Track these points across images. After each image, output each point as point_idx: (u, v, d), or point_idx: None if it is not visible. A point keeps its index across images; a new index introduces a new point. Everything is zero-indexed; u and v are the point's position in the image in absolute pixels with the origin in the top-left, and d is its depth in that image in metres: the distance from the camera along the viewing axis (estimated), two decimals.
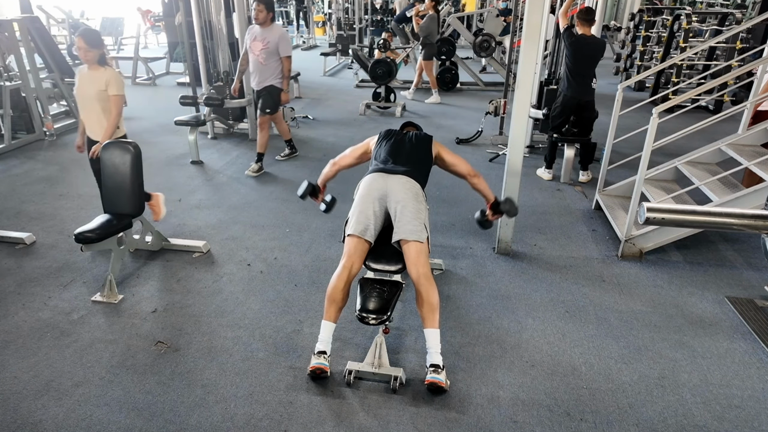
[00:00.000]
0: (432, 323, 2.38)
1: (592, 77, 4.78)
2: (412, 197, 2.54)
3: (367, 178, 2.69)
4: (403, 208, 2.49)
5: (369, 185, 2.62)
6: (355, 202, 2.64)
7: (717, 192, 3.47)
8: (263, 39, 4.77)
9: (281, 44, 4.80)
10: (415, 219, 2.47)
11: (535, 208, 4.39)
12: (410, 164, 2.72)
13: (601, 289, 3.20)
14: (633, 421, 2.21)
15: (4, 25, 5.70)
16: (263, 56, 4.82)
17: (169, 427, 2.17)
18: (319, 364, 2.35)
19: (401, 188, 2.56)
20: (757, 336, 2.76)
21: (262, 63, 4.84)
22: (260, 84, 4.99)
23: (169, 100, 8.07)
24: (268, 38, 4.76)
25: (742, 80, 5.26)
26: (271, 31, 4.80)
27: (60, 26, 12.66)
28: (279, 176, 5.09)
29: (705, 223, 1.53)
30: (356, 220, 2.54)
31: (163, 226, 3.82)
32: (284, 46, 4.82)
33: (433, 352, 2.36)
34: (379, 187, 2.59)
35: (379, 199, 2.56)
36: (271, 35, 4.78)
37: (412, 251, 2.42)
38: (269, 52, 4.79)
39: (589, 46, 4.69)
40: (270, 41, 4.76)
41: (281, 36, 4.80)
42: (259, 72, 4.92)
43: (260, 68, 4.89)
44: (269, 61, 4.83)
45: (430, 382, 2.30)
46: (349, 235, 2.52)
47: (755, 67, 4.10)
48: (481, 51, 8.60)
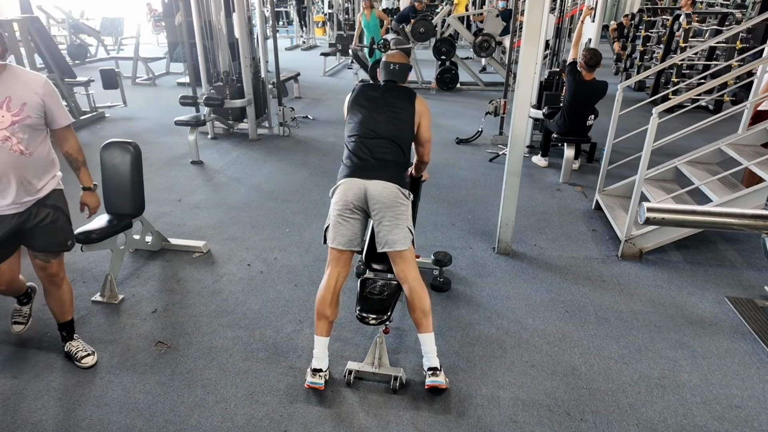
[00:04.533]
0: (426, 328, 2.35)
1: (589, 116, 4.86)
2: (391, 203, 2.32)
3: (343, 184, 2.39)
4: (382, 218, 2.31)
5: (345, 193, 2.36)
6: (333, 209, 2.39)
7: (717, 192, 3.47)
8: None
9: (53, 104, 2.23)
10: (396, 227, 2.31)
11: (535, 208, 4.39)
12: (389, 147, 2.41)
13: (601, 289, 3.20)
14: (633, 421, 2.21)
15: (4, 25, 5.70)
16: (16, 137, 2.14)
17: (169, 427, 2.16)
18: (314, 384, 2.29)
19: (379, 196, 2.31)
20: (757, 336, 2.76)
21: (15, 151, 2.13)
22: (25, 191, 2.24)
23: (169, 100, 8.07)
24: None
25: (742, 80, 5.26)
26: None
27: (60, 26, 12.66)
28: (279, 176, 5.09)
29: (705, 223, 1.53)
30: (337, 231, 2.35)
31: (163, 226, 3.82)
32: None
33: (431, 356, 2.35)
34: (355, 194, 2.34)
35: (358, 207, 2.35)
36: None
37: (397, 260, 2.34)
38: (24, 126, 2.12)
39: (587, 89, 4.74)
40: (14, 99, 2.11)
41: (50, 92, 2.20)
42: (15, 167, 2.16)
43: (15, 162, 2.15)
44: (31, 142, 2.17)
45: (431, 386, 2.30)
46: (334, 247, 2.37)
47: (755, 67, 4.10)
48: (481, 51, 8.61)
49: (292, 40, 15.76)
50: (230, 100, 6.05)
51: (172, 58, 10.00)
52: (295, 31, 15.96)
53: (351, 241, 2.37)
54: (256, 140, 6.28)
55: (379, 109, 2.47)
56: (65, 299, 2.50)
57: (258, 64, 6.48)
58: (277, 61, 6.43)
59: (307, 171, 5.23)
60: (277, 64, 6.42)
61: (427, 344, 2.36)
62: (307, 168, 5.32)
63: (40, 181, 2.23)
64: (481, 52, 8.65)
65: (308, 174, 5.15)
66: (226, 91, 6.08)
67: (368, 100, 2.51)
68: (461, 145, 6.10)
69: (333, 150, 5.92)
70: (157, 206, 4.26)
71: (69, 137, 2.35)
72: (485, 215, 4.23)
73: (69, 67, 6.90)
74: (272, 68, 6.69)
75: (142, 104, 7.97)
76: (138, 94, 8.73)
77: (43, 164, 2.23)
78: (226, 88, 6.09)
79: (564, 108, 4.88)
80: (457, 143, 6.09)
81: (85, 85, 6.75)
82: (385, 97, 2.50)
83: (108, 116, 7.24)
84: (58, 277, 2.41)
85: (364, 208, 2.37)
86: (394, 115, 2.46)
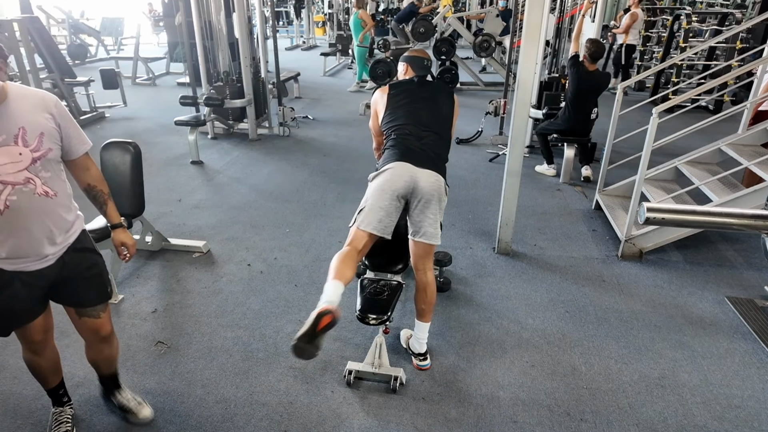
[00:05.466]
0: (428, 318, 2.48)
1: (592, 109, 4.80)
2: (438, 197, 2.31)
3: (393, 168, 2.30)
4: (426, 209, 2.29)
5: (394, 179, 2.27)
6: (376, 191, 2.30)
7: (717, 192, 3.47)
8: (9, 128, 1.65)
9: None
10: (436, 221, 2.33)
11: (535, 208, 4.39)
12: (436, 141, 2.40)
13: (601, 289, 3.20)
14: (633, 421, 2.21)
15: (4, 25, 5.70)
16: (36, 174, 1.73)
17: (169, 427, 2.16)
18: (327, 309, 1.98)
19: (429, 187, 2.28)
20: (757, 336, 2.76)
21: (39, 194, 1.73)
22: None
23: (169, 100, 8.07)
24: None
25: (742, 80, 5.26)
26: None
27: (60, 26, 12.66)
28: (279, 177, 5.09)
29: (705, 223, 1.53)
30: (374, 216, 2.27)
31: (163, 226, 3.82)
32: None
33: (423, 342, 2.51)
34: (405, 183, 2.27)
35: (402, 196, 2.29)
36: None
37: (425, 251, 2.40)
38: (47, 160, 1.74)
39: (591, 80, 4.68)
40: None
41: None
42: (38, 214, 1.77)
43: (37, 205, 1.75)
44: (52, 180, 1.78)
45: (422, 369, 2.50)
46: (363, 230, 2.29)
47: (755, 67, 4.11)
48: (481, 51, 8.61)
49: (292, 40, 15.76)
50: (230, 100, 6.05)
51: (172, 58, 10.00)
52: (295, 30, 15.95)
53: (386, 227, 2.29)
54: (256, 140, 6.28)
55: (423, 103, 2.47)
56: (116, 353, 2.12)
57: (258, 64, 6.48)
58: (277, 61, 6.43)
59: (307, 171, 5.23)
60: (277, 64, 6.42)
61: (424, 332, 2.50)
62: (307, 168, 5.32)
63: (67, 223, 1.80)
64: (481, 52, 8.65)
65: (308, 174, 5.15)
66: (226, 91, 6.08)
67: (409, 94, 2.49)
68: (461, 145, 6.10)
69: (333, 150, 5.92)
70: (157, 206, 4.26)
71: (90, 166, 1.89)
72: (485, 215, 4.23)
73: (69, 67, 6.91)
74: (272, 68, 6.69)
75: (142, 104, 7.97)
76: (138, 94, 8.73)
77: (67, 203, 1.81)
78: (226, 88, 6.08)
79: (567, 102, 4.81)
80: (457, 143, 6.09)
81: (85, 85, 6.76)
82: (427, 92, 2.52)
83: (108, 116, 7.24)
84: (110, 334, 2.03)
85: (407, 196, 2.31)
86: (438, 110, 2.48)
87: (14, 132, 1.58)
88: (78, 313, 1.92)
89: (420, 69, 2.63)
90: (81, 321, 1.93)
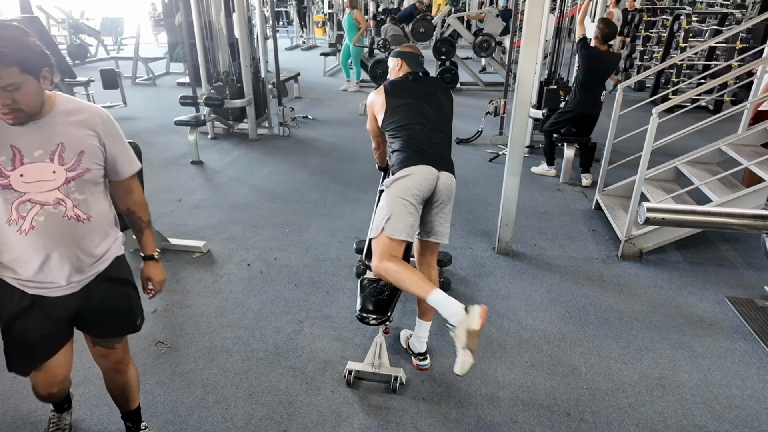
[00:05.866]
0: (431, 317, 2.48)
1: (602, 90, 4.73)
2: (452, 196, 2.33)
3: (416, 173, 2.21)
4: (441, 210, 2.30)
5: (420, 182, 2.21)
6: (402, 197, 2.20)
7: (717, 192, 3.47)
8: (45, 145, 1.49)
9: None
10: (448, 221, 2.34)
11: (535, 208, 4.39)
12: (442, 140, 2.36)
13: (601, 289, 3.20)
14: (633, 421, 2.21)
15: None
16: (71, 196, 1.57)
17: (169, 427, 2.16)
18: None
19: (447, 189, 2.28)
20: (757, 336, 2.76)
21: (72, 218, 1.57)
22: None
23: (169, 100, 8.07)
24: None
25: (742, 80, 5.27)
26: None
27: (60, 26, 12.66)
28: (279, 177, 5.09)
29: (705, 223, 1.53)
30: (405, 222, 2.18)
31: (163, 226, 3.82)
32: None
33: (424, 342, 2.51)
34: (430, 186, 2.24)
35: (424, 198, 2.26)
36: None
37: (430, 250, 2.42)
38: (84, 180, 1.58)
39: (603, 60, 4.60)
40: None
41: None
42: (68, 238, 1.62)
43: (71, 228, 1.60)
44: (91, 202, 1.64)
45: (422, 369, 2.50)
46: (396, 238, 2.17)
47: (755, 67, 4.11)
48: (481, 51, 8.61)
49: (292, 40, 15.76)
50: (230, 100, 6.05)
51: (172, 58, 10.00)
52: (295, 31, 15.95)
53: (413, 231, 2.25)
54: (256, 140, 6.28)
55: (425, 101, 2.39)
56: (132, 385, 1.98)
57: (258, 64, 6.48)
58: (277, 61, 6.43)
59: (307, 171, 5.23)
60: (277, 64, 6.42)
61: (425, 331, 2.50)
62: (307, 168, 5.32)
63: (99, 249, 1.65)
64: (481, 52, 8.65)
65: (308, 174, 5.15)
66: (226, 91, 6.08)
67: (409, 92, 2.40)
68: (461, 145, 6.11)
69: (333, 150, 5.92)
70: (157, 206, 4.26)
71: (134, 189, 1.73)
72: (485, 215, 4.23)
73: (69, 67, 6.92)
74: (272, 68, 6.69)
75: (142, 104, 7.97)
76: (138, 94, 8.73)
77: (103, 228, 1.65)
78: (226, 88, 6.09)
79: (577, 84, 4.70)
80: (457, 143, 6.09)
81: (85, 85, 6.76)
82: (426, 89, 2.45)
83: None
84: (122, 363, 1.90)
85: (427, 198, 2.28)
86: (440, 107, 2.42)
87: (52, 148, 1.46)
88: (92, 341, 1.81)
89: (415, 65, 2.53)
90: (94, 348, 1.83)
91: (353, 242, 3.31)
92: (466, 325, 1.95)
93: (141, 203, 1.77)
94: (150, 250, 1.82)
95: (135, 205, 1.75)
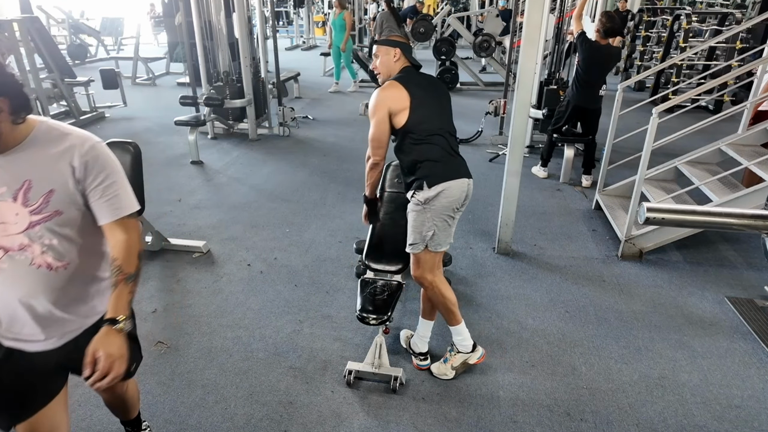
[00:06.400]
0: (435, 316, 2.52)
1: (601, 85, 4.67)
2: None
3: (454, 186, 2.18)
4: (459, 215, 2.31)
5: (459, 196, 2.21)
6: (442, 212, 2.19)
7: (717, 192, 3.47)
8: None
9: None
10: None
11: (535, 208, 4.39)
12: (456, 143, 2.32)
13: (601, 289, 3.20)
14: (633, 421, 2.21)
15: (4, 25, 5.70)
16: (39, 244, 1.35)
17: (169, 427, 2.16)
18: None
19: (470, 195, 2.30)
20: (757, 336, 2.76)
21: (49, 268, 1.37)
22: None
23: (169, 100, 8.07)
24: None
25: (742, 80, 5.26)
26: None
27: (60, 26, 12.66)
28: (279, 177, 5.09)
29: (705, 223, 1.53)
30: (448, 234, 2.27)
31: (163, 226, 3.82)
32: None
33: (426, 341, 2.53)
34: (464, 197, 2.25)
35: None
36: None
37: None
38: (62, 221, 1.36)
39: (603, 54, 4.50)
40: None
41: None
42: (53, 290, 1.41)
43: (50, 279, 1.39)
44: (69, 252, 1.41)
45: (422, 369, 2.50)
46: (440, 251, 2.29)
47: (755, 67, 4.11)
48: (481, 51, 8.61)
49: (292, 40, 15.76)
50: (230, 100, 6.05)
51: (172, 58, 10.00)
52: (295, 29, 15.95)
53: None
54: (256, 140, 6.28)
55: (436, 100, 2.27)
56: (130, 398, 1.84)
57: (258, 64, 6.48)
58: (277, 61, 6.43)
59: (307, 171, 5.23)
60: (277, 64, 6.42)
61: (428, 330, 2.53)
62: (307, 168, 5.32)
63: (82, 303, 1.41)
64: (481, 52, 8.65)
65: (308, 174, 5.15)
66: (226, 91, 6.08)
67: (422, 90, 2.21)
68: (461, 145, 6.10)
69: (333, 150, 5.92)
70: (157, 206, 4.26)
71: (120, 234, 1.36)
72: (485, 215, 4.23)
73: (69, 67, 6.90)
74: (272, 68, 6.69)
75: (142, 104, 7.97)
76: (138, 94, 8.73)
77: (88, 276, 1.41)
78: (226, 88, 6.09)
79: (576, 77, 4.63)
80: (458, 143, 6.09)
81: (85, 85, 6.75)
82: (432, 86, 2.32)
83: (108, 116, 7.24)
84: (121, 390, 1.76)
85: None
86: (446, 106, 2.33)
87: (17, 185, 1.25)
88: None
89: (412, 58, 2.31)
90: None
91: (353, 242, 3.31)
92: (467, 357, 2.41)
93: (125, 252, 1.35)
94: (115, 312, 1.33)
95: (120, 251, 1.35)
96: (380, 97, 2.17)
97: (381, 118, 2.16)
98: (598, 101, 4.72)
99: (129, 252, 1.36)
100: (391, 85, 2.18)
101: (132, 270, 1.36)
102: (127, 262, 1.36)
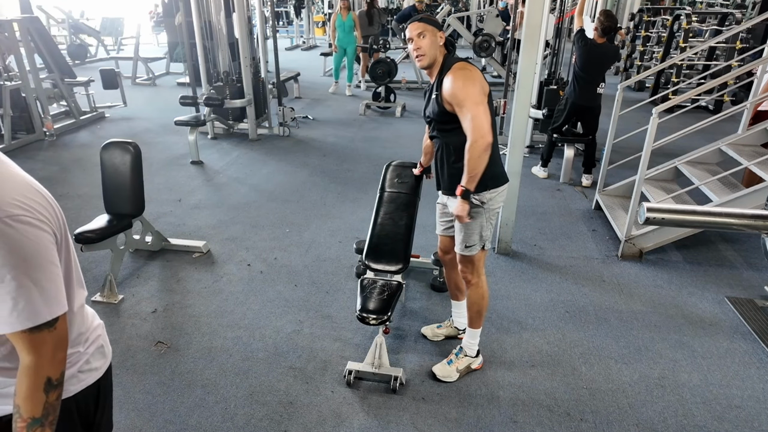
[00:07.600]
0: (464, 297, 2.56)
1: (599, 83, 4.67)
2: None
3: (506, 188, 2.33)
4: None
5: (506, 193, 2.34)
6: (497, 211, 2.33)
7: (717, 192, 3.47)
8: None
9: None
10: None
11: (535, 208, 4.39)
12: None
13: (601, 289, 3.20)
14: (633, 421, 2.21)
15: (4, 25, 5.70)
16: None
17: (169, 427, 2.17)
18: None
19: None
20: (757, 336, 2.76)
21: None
22: None
23: (169, 100, 8.07)
24: None
25: (742, 80, 5.26)
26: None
27: (60, 26, 12.66)
28: (279, 177, 5.09)
29: (705, 223, 1.53)
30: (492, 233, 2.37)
31: (163, 226, 3.82)
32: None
33: (464, 318, 2.54)
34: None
35: None
36: None
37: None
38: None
39: (600, 52, 4.52)
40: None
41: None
42: None
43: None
44: None
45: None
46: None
47: (755, 67, 4.10)
48: (481, 51, 8.60)
49: (292, 40, 15.76)
50: (230, 100, 6.05)
51: (172, 58, 10.00)
52: (295, 29, 15.94)
53: None
54: (256, 140, 6.28)
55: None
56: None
57: (258, 64, 6.48)
58: (277, 61, 6.43)
59: (307, 171, 5.23)
60: (277, 64, 6.42)
61: (464, 308, 2.53)
62: (307, 168, 5.32)
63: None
64: (481, 52, 8.64)
65: (308, 174, 5.15)
66: (226, 91, 6.08)
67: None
68: None
69: (333, 150, 5.92)
70: (157, 206, 4.26)
71: (34, 350, 0.95)
72: None
73: (69, 67, 6.90)
74: (272, 68, 6.69)
75: (142, 104, 7.96)
76: (138, 94, 8.73)
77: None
78: (226, 88, 6.09)
79: (574, 75, 4.65)
80: None
81: (85, 85, 6.75)
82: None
83: (108, 116, 7.24)
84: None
85: None
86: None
87: None
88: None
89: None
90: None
91: (353, 242, 3.31)
92: (471, 362, 2.46)
93: (31, 382, 0.96)
94: None
95: (20, 383, 0.97)
96: (477, 74, 2.05)
97: (482, 96, 2.09)
98: (597, 99, 4.72)
99: (33, 385, 0.96)
100: (467, 66, 2.09)
101: (37, 413, 0.97)
102: (30, 400, 0.97)
